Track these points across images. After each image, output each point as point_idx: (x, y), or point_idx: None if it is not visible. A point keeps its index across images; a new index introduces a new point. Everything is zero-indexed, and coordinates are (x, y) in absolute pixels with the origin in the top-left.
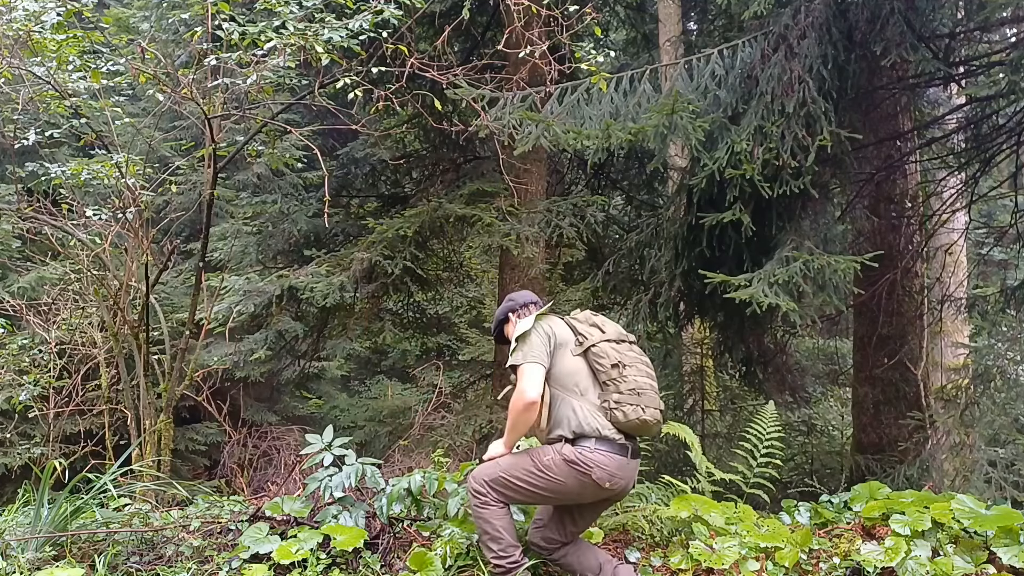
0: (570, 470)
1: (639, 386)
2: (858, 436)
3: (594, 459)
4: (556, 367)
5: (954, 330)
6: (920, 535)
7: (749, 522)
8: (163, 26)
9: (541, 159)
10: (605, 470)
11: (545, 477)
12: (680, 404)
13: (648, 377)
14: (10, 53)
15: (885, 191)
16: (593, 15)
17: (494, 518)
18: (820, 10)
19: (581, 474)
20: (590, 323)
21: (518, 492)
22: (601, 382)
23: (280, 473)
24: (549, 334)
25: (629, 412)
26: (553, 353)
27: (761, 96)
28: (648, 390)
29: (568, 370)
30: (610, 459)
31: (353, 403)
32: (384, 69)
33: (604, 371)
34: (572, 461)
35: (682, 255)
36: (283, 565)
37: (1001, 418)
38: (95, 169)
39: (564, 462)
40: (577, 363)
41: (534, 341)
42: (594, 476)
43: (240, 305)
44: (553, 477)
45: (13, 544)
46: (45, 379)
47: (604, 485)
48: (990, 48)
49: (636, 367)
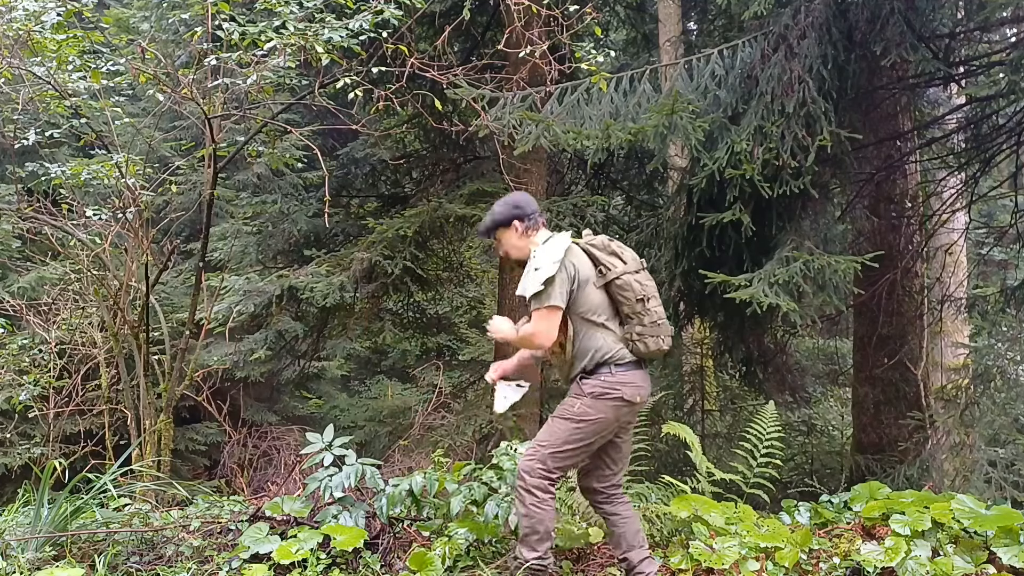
0: (603, 403)
1: (660, 317)
2: (858, 436)
3: (619, 380)
4: (581, 303)
5: (954, 330)
6: (920, 535)
7: (749, 522)
8: (163, 26)
9: (541, 159)
10: (631, 386)
11: (587, 423)
12: (680, 404)
13: (662, 305)
14: (10, 53)
15: (885, 191)
16: (593, 15)
17: (549, 518)
18: (820, 10)
19: (612, 400)
20: (609, 251)
21: (573, 455)
22: (624, 314)
23: (280, 473)
24: (573, 274)
25: (651, 344)
26: (577, 291)
27: (761, 96)
28: (665, 320)
29: (592, 304)
30: (631, 375)
31: (353, 403)
32: (384, 69)
33: (628, 304)
34: (601, 394)
35: (682, 255)
36: (283, 565)
37: (1001, 418)
38: (95, 169)
39: (593, 399)
40: (599, 296)
41: (558, 282)
42: (625, 395)
43: (240, 305)
44: (594, 419)
45: (13, 544)
46: (45, 379)
47: (635, 400)
48: (990, 48)
49: (656, 298)
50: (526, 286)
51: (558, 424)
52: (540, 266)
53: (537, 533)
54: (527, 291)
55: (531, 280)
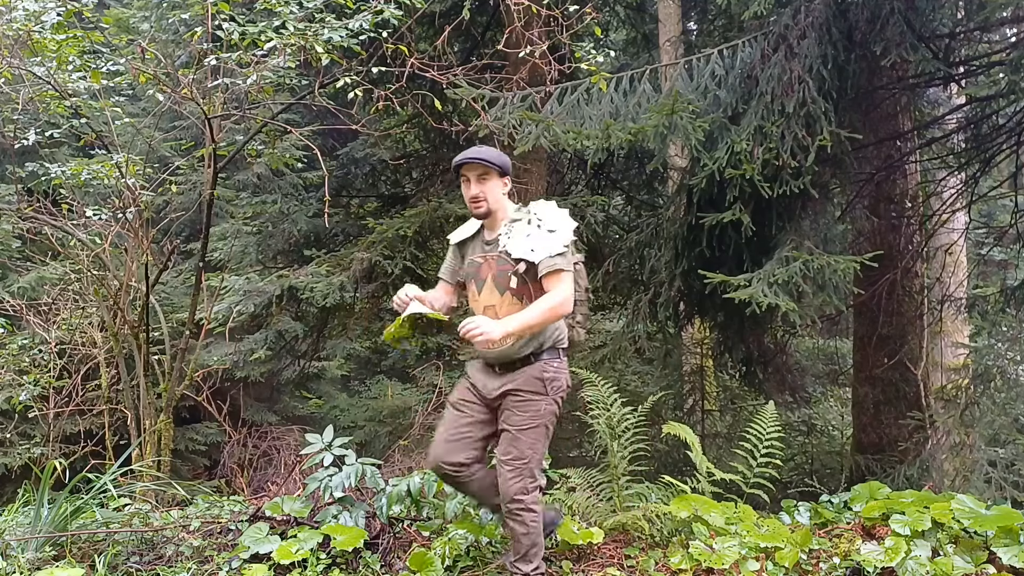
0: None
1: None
2: (858, 436)
3: (565, 366)
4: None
5: (954, 330)
6: (920, 535)
7: (749, 522)
8: (163, 26)
9: (541, 159)
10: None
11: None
12: (680, 404)
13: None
14: (10, 53)
15: (885, 191)
16: (593, 15)
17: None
18: (820, 10)
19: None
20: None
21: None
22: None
23: (280, 473)
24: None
25: (582, 334)
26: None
27: (761, 96)
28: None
29: None
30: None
31: (353, 403)
32: (384, 69)
33: (579, 290)
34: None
35: (682, 255)
36: (283, 565)
37: (1001, 418)
38: (95, 169)
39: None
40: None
41: (571, 247)
42: (569, 383)
43: (240, 305)
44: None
45: (13, 544)
46: (45, 379)
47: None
48: (990, 48)
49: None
50: (538, 246)
51: (533, 435)
52: (556, 228)
53: (537, 545)
54: (546, 251)
55: (548, 241)
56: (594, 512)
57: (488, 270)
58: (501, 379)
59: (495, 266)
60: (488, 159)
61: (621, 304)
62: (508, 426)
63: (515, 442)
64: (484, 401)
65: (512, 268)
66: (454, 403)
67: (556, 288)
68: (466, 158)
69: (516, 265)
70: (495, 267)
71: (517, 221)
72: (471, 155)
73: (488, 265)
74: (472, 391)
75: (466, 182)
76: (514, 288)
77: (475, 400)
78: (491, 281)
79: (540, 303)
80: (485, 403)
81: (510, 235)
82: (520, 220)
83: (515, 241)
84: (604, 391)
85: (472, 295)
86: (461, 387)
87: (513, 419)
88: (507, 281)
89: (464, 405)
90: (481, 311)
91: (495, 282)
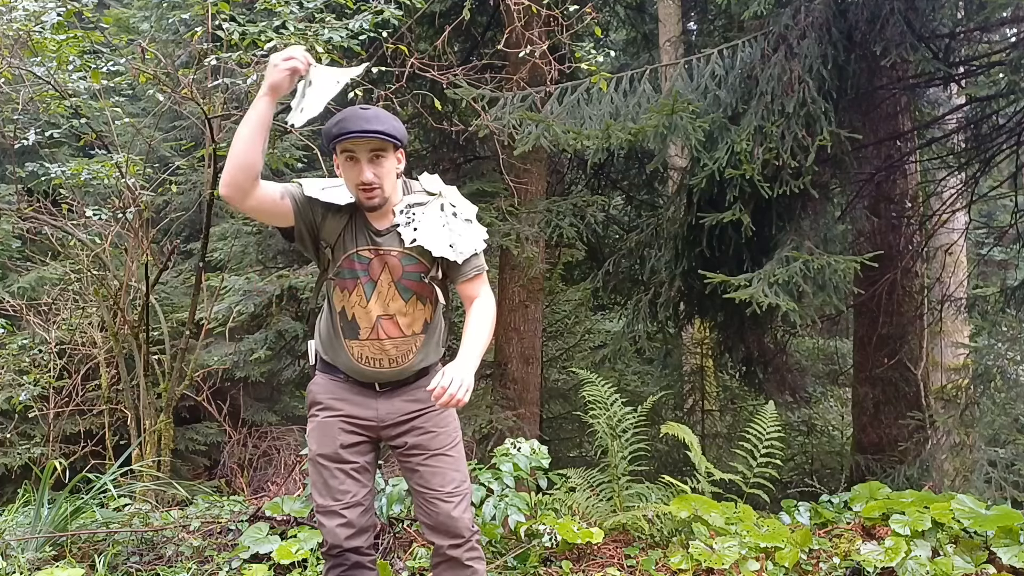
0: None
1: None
2: (858, 436)
3: None
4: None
5: (954, 330)
6: (920, 535)
7: (749, 522)
8: (163, 26)
9: (541, 159)
10: None
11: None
12: (680, 404)
13: None
14: (10, 53)
15: (885, 191)
16: (593, 15)
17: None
18: (820, 10)
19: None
20: None
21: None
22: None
23: (280, 473)
24: None
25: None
26: None
27: (761, 96)
28: None
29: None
30: None
31: None
32: (384, 69)
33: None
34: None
35: (682, 255)
36: (283, 565)
37: (1001, 418)
38: (95, 169)
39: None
40: None
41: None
42: None
43: (240, 305)
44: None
45: (13, 544)
46: (45, 379)
47: None
48: (990, 48)
49: None
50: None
51: (462, 449)
52: (471, 216)
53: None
54: (471, 248)
55: (470, 235)
56: (594, 512)
57: (381, 270)
58: (391, 401)
59: (399, 265)
60: (386, 131)
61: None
62: (436, 451)
63: (455, 464)
64: (373, 436)
65: (425, 269)
66: (333, 456)
67: (484, 293)
68: (352, 131)
69: (431, 267)
70: (399, 267)
71: (419, 205)
72: (361, 127)
73: (381, 263)
74: (352, 429)
75: (351, 162)
76: (419, 292)
77: (364, 438)
78: (390, 285)
79: (483, 322)
80: (373, 438)
81: (416, 225)
82: (424, 204)
83: (426, 234)
84: (604, 391)
85: (356, 300)
86: (328, 429)
87: (437, 441)
88: (418, 285)
89: (353, 453)
90: (372, 322)
91: (398, 286)
